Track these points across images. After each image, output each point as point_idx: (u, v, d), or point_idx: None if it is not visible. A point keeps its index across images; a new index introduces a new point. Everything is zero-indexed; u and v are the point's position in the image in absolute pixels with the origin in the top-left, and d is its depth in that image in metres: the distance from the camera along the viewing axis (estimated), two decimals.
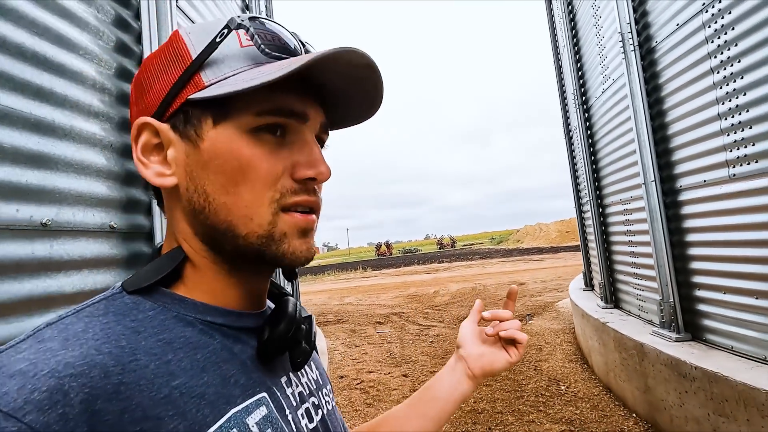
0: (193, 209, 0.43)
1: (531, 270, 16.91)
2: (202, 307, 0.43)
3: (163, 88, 0.42)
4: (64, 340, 0.34)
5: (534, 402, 3.71)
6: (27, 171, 1.10)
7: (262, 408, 0.41)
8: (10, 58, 1.08)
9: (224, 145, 0.41)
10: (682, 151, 2.87)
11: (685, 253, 2.93)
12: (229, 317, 0.44)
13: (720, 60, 2.45)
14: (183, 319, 0.41)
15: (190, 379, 0.37)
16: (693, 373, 2.47)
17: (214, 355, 0.40)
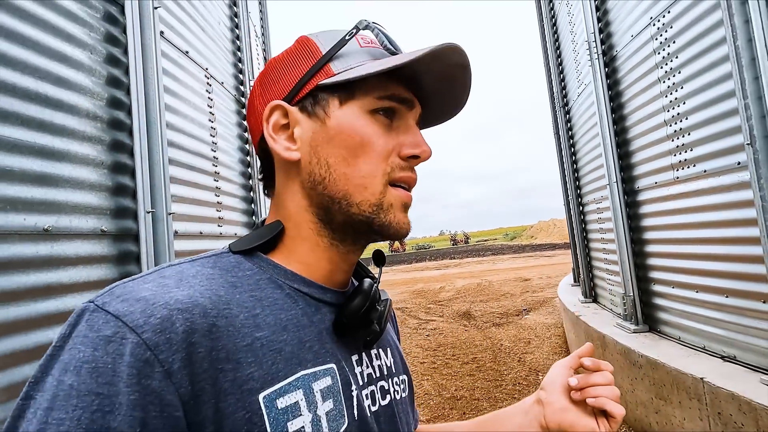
0: (313, 180, 0.48)
1: (539, 266, 16.93)
2: (292, 275, 0.48)
3: (293, 78, 0.49)
4: (178, 280, 0.41)
5: (511, 390, 3.94)
6: (32, 188, 1.40)
7: (327, 378, 0.45)
8: (18, 99, 1.38)
9: (348, 122, 0.48)
10: (639, 154, 3.05)
11: (643, 250, 3.12)
12: (313, 288, 0.49)
13: (665, 71, 2.63)
14: (274, 282, 0.46)
15: (272, 334, 0.42)
16: (640, 360, 2.67)
17: (295, 318, 0.45)
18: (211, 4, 2.88)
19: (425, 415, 3.59)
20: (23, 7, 1.44)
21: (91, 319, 0.36)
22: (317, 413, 0.42)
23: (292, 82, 0.50)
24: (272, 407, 0.39)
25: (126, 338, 0.35)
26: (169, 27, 2.25)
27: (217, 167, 2.66)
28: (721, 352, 2.39)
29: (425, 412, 3.66)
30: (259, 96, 0.52)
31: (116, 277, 1.71)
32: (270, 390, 0.39)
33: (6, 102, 1.35)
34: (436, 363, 5.11)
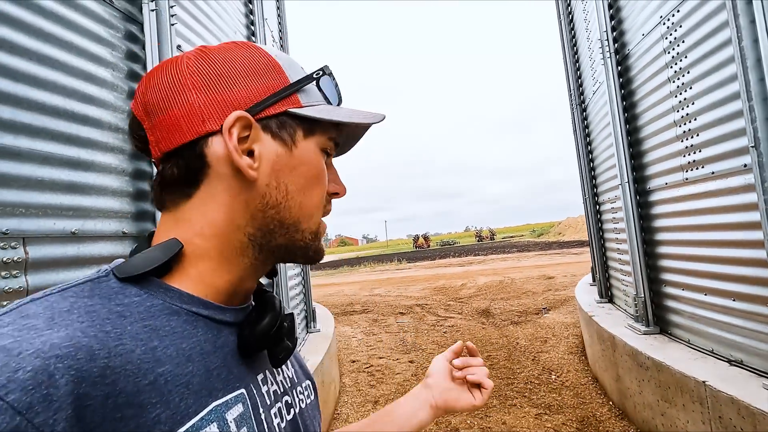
0: (266, 203, 0.46)
1: (565, 264, 16.59)
2: (188, 297, 0.43)
3: (257, 92, 0.46)
4: (49, 319, 0.34)
5: (522, 389, 3.96)
6: (61, 195, 1.57)
7: (239, 405, 0.42)
8: (48, 116, 1.55)
9: (310, 155, 0.49)
10: (651, 154, 3.02)
11: (655, 251, 3.08)
12: (212, 309, 0.45)
13: (674, 70, 2.59)
14: (168, 307, 0.41)
15: (176, 367, 0.38)
16: (646, 362, 2.67)
17: (198, 346, 0.41)
18: (226, 14, 3.03)
19: None
20: (53, 32, 1.60)
21: None
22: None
23: (256, 95, 0.46)
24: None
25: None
26: (185, 40, 2.40)
27: None
28: (728, 356, 2.36)
29: None
30: (199, 90, 0.45)
31: None
32: (183, 429, 0.36)
33: (38, 119, 1.52)
34: None
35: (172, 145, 0.45)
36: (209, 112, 0.45)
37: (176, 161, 0.45)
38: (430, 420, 0.72)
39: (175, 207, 0.47)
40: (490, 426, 3.27)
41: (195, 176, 0.46)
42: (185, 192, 0.46)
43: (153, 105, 0.45)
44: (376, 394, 4.19)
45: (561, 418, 3.24)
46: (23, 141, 1.46)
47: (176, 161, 0.45)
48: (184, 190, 0.46)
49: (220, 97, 0.45)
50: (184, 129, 0.45)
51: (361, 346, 6.23)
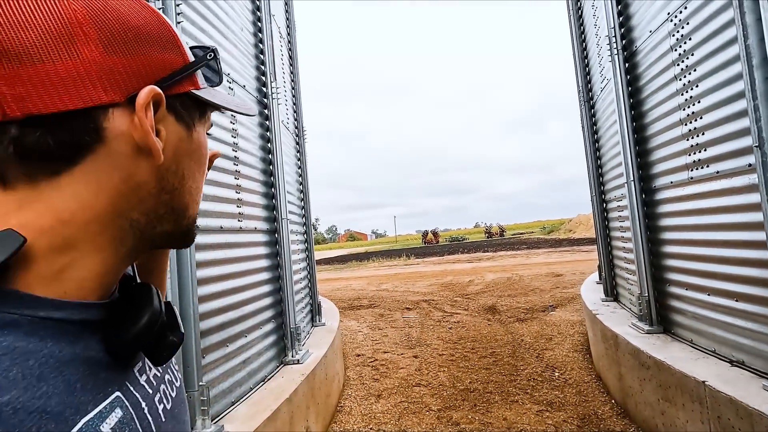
0: (162, 188, 0.42)
1: (574, 261, 16.48)
2: (32, 300, 0.35)
3: (163, 66, 0.41)
4: None
5: (524, 386, 3.97)
6: None
7: (117, 410, 0.38)
8: None
9: (202, 139, 0.47)
10: (657, 152, 2.99)
11: (660, 251, 3.06)
12: (69, 310, 0.37)
13: (681, 68, 2.56)
14: (1, 320, 0.33)
15: (24, 392, 0.31)
16: (648, 361, 2.66)
17: (51, 358, 0.34)
18: (234, 13, 3.07)
19: (437, 405, 3.71)
20: None
21: None
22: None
23: (162, 69, 0.41)
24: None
25: None
26: (192, 38, 2.44)
27: (238, 166, 2.86)
28: (730, 356, 2.35)
29: (438, 402, 3.77)
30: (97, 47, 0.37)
31: None
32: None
33: None
34: (455, 356, 5.19)
35: (52, 107, 0.34)
36: (112, 77, 0.37)
37: (52, 129, 0.35)
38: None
39: (29, 184, 0.36)
40: (491, 421, 3.29)
41: (77, 151, 0.37)
42: (52, 168, 0.36)
43: (19, 48, 0.34)
44: (380, 388, 4.24)
45: (562, 415, 3.25)
46: None
47: (52, 129, 0.35)
48: (51, 166, 0.36)
49: (124, 61, 0.38)
50: (76, 91, 0.35)
51: (367, 341, 6.29)
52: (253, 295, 2.93)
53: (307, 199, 4.82)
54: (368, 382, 4.46)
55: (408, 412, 3.62)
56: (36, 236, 0.36)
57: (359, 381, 4.51)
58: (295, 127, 4.79)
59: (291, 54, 4.89)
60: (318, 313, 4.66)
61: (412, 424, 3.39)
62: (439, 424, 3.34)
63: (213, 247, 2.49)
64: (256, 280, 3.02)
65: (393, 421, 3.46)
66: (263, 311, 3.06)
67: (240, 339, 2.66)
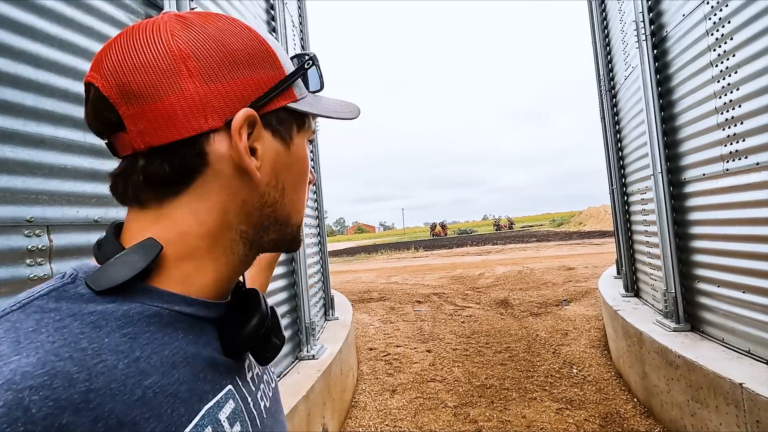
0: (264, 202, 0.44)
1: (586, 254, 16.28)
2: (168, 296, 0.40)
3: (257, 85, 0.43)
4: (15, 343, 0.31)
5: (542, 382, 3.90)
6: (84, 183, 1.56)
7: (230, 401, 0.42)
8: (70, 102, 1.54)
9: (302, 151, 0.48)
10: (688, 143, 2.86)
11: (688, 245, 2.94)
12: (195, 306, 0.42)
13: (718, 54, 2.43)
14: (147, 310, 0.38)
15: (162, 377, 0.36)
16: (677, 361, 2.57)
17: (181, 350, 0.39)
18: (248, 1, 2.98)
19: (453, 401, 3.65)
20: (74, 17, 1.58)
21: None
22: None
23: (257, 89, 0.43)
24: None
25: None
26: None
27: None
28: (767, 357, 2.24)
29: (453, 398, 3.72)
30: (196, 78, 0.40)
31: None
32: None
33: (61, 106, 1.51)
34: (469, 350, 5.13)
35: (165, 139, 0.39)
36: (211, 105, 0.40)
37: (167, 157, 0.40)
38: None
39: (158, 204, 0.41)
40: (509, 419, 3.22)
41: (189, 175, 0.41)
42: (173, 190, 0.41)
43: (138, 89, 0.38)
44: (394, 383, 4.19)
45: (583, 414, 3.17)
46: (46, 128, 1.45)
47: (167, 157, 0.40)
48: (172, 188, 0.41)
49: (221, 88, 0.41)
50: (182, 123, 0.39)
51: (379, 334, 6.25)
52: (268, 290, 2.88)
53: (319, 191, 4.75)
54: (382, 377, 4.41)
55: (424, 408, 3.57)
56: (166, 247, 0.41)
57: (373, 375, 4.47)
58: None
59: (303, 44, 4.79)
60: (331, 307, 4.62)
61: (428, 420, 3.34)
62: (456, 422, 3.28)
63: None
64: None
65: (409, 417, 3.41)
66: (278, 306, 3.01)
67: None
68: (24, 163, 1.37)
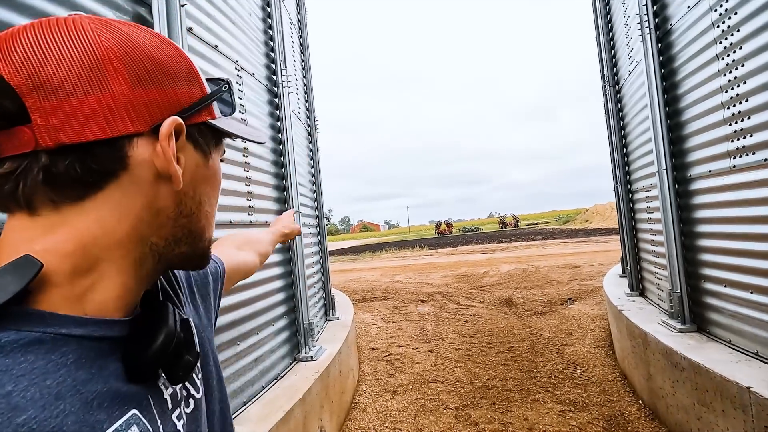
0: (180, 212, 0.44)
1: (592, 252, 16.14)
2: (53, 318, 0.36)
3: (185, 98, 0.43)
4: None
5: (545, 383, 3.83)
6: None
7: (133, 427, 0.38)
8: None
9: (217, 166, 0.50)
10: (693, 139, 2.78)
11: (694, 244, 2.87)
12: (90, 327, 0.38)
13: (724, 46, 2.35)
14: (24, 338, 0.34)
15: (41, 411, 0.32)
16: (682, 363, 2.50)
17: (69, 377, 0.35)
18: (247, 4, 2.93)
19: (454, 403, 3.60)
20: (52, 12, 1.54)
21: None
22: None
23: (182, 101, 0.43)
24: None
25: None
26: (197, 23, 2.32)
27: (248, 158, 2.75)
28: None
29: (455, 400, 3.66)
30: (125, 81, 0.39)
31: None
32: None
33: None
34: (471, 350, 5.07)
35: (80, 137, 0.36)
36: (138, 109, 0.39)
37: (81, 157, 0.37)
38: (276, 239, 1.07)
39: (54, 210, 0.38)
40: (511, 421, 3.17)
41: (102, 178, 0.39)
42: (77, 194, 0.38)
43: (56, 83, 0.36)
44: (395, 384, 4.15)
45: (586, 416, 3.11)
46: None
47: (81, 157, 0.37)
48: (76, 191, 0.38)
49: (149, 94, 0.41)
50: (104, 123, 0.37)
51: (381, 334, 6.21)
52: (265, 291, 2.84)
53: (319, 190, 4.71)
54: (383, 378, 4.37)
55: (424, 410, 3.52)
56: (60, 260, 0.37)
57: (374, 376, 4.43)
58: (307, 117, 4.66)
59: (302, 41, 4.74)
60: (331, 307, 4.58)
61: (428, 422, 3.29)
62: (457, 424, 3.23)
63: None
64: (268, 275, 2.93)
65: (409, 419, 3.37)
66: (275, 307, 2.98)
67: (251, 336, 2.58)
68: None
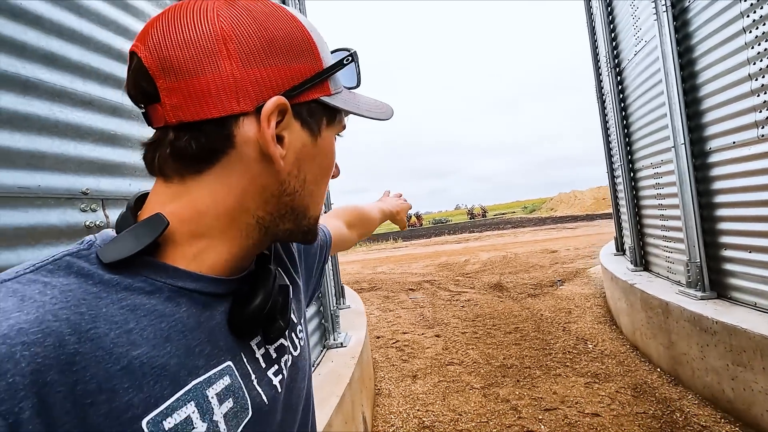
0: (284, 190, 0.44)
1: (564, 238, 16.74)
2: (174, 271, 0.40)
3: (293, 74, 0.42)
4: (19, 301, 0.32)
5: (561, 359, 3.92)
6: (135, 153, 1.38)
7: (225, 378, 0.41)
8: (114, 60, 1.34)
9: (329, 145, 0.48)
10: (712, 113, 2.89)
11: (712, 215, 2.99)
12: (202, 282, 0.42)
13: (752, 19, 2.44)
14: (151, 284, 0.39)
15: (153, 349, 0.36)
16: (714, 327, 2.60)
17: (179, 323, 0.39)
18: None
19: (478, 383, 3.61)
20: None
21: None
22: (213, 419, 0.39)
23: (292, 78, 0.42)
24: (158, 431, 0.35)
25: None
26: None
27: None
28: None
29: (478, 380, 3.68)
30: (235, 60, 0.39)
31: None
32: (154, 413, 0.35)
33: (104, 63, 1.31)
34: (478, 333, 5.12)
35: (196, 116, 0.39)
36: (245, 89, 0.40)
37: (195, 135, 0.40)
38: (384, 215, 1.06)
39: (180, 180, 0.42)
40: (541, 396, 3.21)
41: (214, 154, 0.41)
42: (196, 167, 0.41)
43: (178, 64, 0.38)
44: (412, 369, 4.12)
45: (613, 386, 3.20)
46: (92, 87, 1.26)
47: (195, 135, 0.40)
48: (195, 166, 0.41)
49: (257, 73, 0.41)
50: (214, 102, 0.39)
51: (381, 322, 6.16)
52: None
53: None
54: (398, 363, 4.33)
55: (450, 390, 3.51)
56: (180, 224, 0.41)
57: (388, 363, 4.38)
58: None
59: None
60: (342, 296, 4.49)
61: (459, 403, 3.28)
62: (488, 402, 3.24)
63: None
64: None
65: (438, 401, 3.35)
66: None
67: None
68: (75, 127, 1.18)
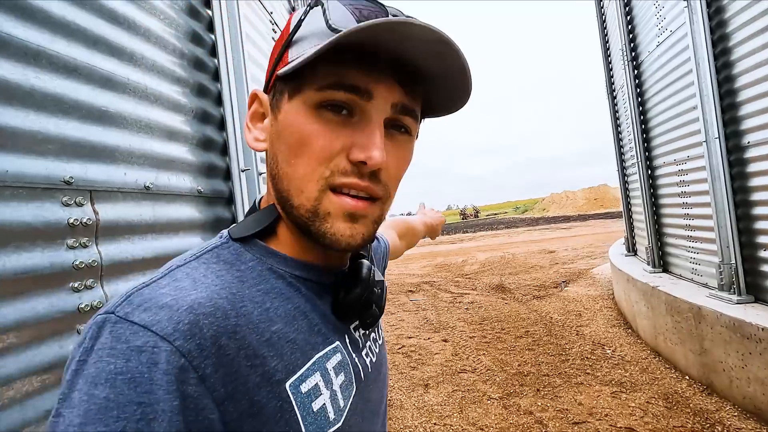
0: (271, 173, 0.47)
1: (560, 238, 16.68)
2: (291, 262, 0.48)
3: (271, 63, 0.47)
4: (193, 281, 0.39)
5: (580, 365, 3.72)
6: (131, 135, 1.13)
7: (337, 354, 0.48)
8: (104, 20, 1.09)
9: (292, 118, 0.44)
10: (750, 105, 2.71)
11: (749, 213, 2.81)
12: (312, 272, 0.49)
13: None
14: (275, 272, 0.46)
15: (285, 326, 0.43)
16: (759, 334, 2.41)
17: (301, 306, 0.46)
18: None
19: (496, 393, 3.40)
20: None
21: (116, 330, 0.34)
22: (333, 389, 0.45)
23: (270, 68, 0.48)
24: (298, 393, 0.41)
25: (158, 347, 0.33)
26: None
27: None
28: None
29: (494, 389, 3.47)
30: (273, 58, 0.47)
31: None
32: (293, 378, 0.41)
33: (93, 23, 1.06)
34: (487, 337, 4.91)
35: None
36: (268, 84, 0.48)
37: None
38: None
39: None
40: (566, 407, 3.01)
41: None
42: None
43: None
44: (422, 377, 3.89)
45: (642, 396, 3.00)
46: (78, 51, 1.00)
47: None
48: None
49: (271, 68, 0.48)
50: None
51: (383, 326, 5.93)
52: None
53: None
54: (406, 371, 4.10)
55: (467, 401, 3.29)
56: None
57: (396, 370, 4.14)
58: None
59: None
60: None
61: (478, 416, 3.06)
62: (509, 414, 3.03)
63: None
64: None
65: (455, 413, 3.13)
66: None
67: None
68: (55, 98, 0.93)
